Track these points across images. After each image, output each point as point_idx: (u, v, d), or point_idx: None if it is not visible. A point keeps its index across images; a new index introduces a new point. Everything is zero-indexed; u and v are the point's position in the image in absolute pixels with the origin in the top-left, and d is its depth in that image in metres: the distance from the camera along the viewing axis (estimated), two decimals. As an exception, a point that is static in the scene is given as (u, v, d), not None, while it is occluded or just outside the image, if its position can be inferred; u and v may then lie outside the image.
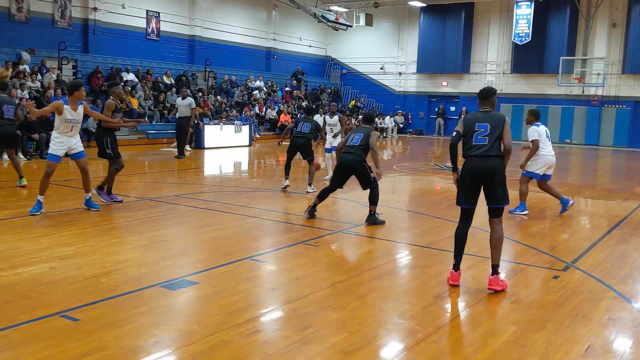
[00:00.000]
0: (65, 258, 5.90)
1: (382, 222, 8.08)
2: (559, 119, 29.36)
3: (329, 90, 32.97)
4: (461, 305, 5.08)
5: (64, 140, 8.02)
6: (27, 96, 16.60)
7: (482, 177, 5.27)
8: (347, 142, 8.19)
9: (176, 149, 17.02)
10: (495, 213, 5.38)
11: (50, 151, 8.02)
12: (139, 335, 4.14)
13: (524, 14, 28.65)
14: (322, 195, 8.40)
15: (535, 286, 5.65)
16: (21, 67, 18.14)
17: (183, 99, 16.96)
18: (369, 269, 6.02)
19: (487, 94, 5.58)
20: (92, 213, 8.13)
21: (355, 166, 8.02)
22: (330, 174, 11.24)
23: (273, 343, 4.08)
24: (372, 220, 8.07)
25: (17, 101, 10.68)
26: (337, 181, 8.27)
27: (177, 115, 17.07)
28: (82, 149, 8.28)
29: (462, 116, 5.48)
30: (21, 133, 14.22)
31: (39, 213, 7.79)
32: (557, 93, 28.88)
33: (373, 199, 8.11)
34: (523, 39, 28.78)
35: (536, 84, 29.76)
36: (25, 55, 19.06)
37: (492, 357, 3.99)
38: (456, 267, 5.48)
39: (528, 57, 29.14)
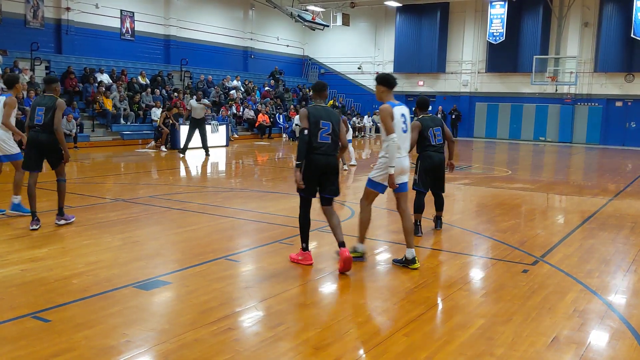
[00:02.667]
0: (37, 260, 5.86)
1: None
2: (533, 117, 29.83)
3: (308, 90, 33.04)
4: (432, 300, 5.16)
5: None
6: None
7: (325, 172, 5.85)
8: (430, 141, 7.32)
9: (154, 150, 17.00)
10: (328, 202, 6.05)
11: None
12: (110, 335, 4.14)
13: (498, 13, 29.03)
14: (421, 206, 7.37)
15: (505, 280, 5.75)
16: (-8, 68, 17.89)
17: (197, 101, 17.44)
18: (343, 266, 6.07)
19: (323, 88, 6.04)
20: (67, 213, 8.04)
21: (443, 166, 7.54)
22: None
23: (244, 340, 4.12)
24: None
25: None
26: (428, 183, 7.49)
27: (192, 116, 17.60)
28: None
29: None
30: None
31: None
32: (531, 92, 29.32)
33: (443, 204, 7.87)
34: (497, 38, 29.16)
35: (510, 82, 30.17)
36: (-3, 56, 18.80)
37: (459, 349, 4.07)
38: (306, 248, 6.06)
39: (502, 56, 29.54)
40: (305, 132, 5.72)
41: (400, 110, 6.01)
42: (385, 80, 6.01)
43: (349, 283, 5.53)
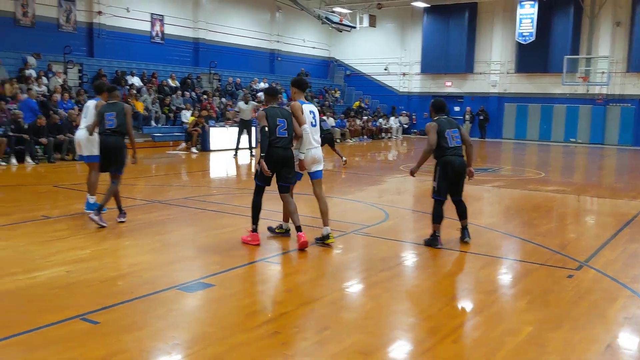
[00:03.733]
0: (80, 261, 5.93)
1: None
2: (563, 118, 29.35)
3: (333, 91, 33.01)
4: (476, 305, 5.08)
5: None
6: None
7: (282, 163, 6.62)
8: (448, 144, 6.82)
9: (184, 152, 17.20)
10: (285, 189, 6.80)
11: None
12: (158, 337, 4.17)
13: (527, 13, 28.64)
14: (440, 216, 6.95)
15: (549, 285, 5.65)
16: (27, 72, 18.21)
17: (246, 103, 17.91)
18: (382, 270, 6.03)
19: (276, 92, 7.03)
20: (102, 216, 8.12)
21: (464, 170, 6.96)
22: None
23: (292, 344, 4.10)
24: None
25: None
26: (447, 190, 6.96)
27: (240, 117, 18.15)
28: None
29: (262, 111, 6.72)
30: (29, 137, 14.29)
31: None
32: (562, 92, 28.85)
33: (466, 211, 7.13)
34: (527, 38, 28.77)
35: (540, 83, 29.74)
36: (31, 60, 19.14)
37: (510, 356, 4.00)
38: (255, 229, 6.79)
39: (532, 57, 29.12)
40: (266, 129, 6.51)
41: (309, 108, 6.98)
42: (297, 83, 7.05)
43: (390, 288, 5.47)
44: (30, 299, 4.80)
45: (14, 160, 14.08)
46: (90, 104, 8.39)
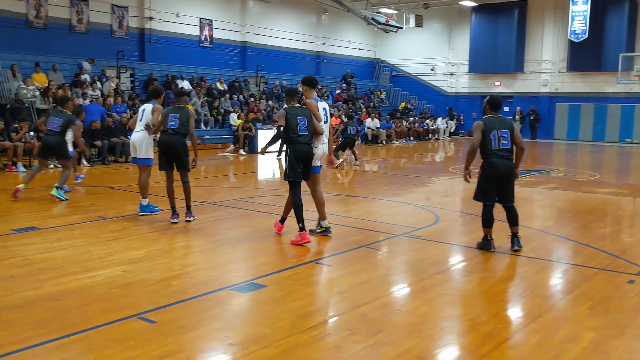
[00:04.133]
0: (136, 261, 6.06)
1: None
2: (618, 118, 28.38)
3: (379, 92, 32.85)
4: (533, 310, 4.94)
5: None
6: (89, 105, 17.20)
7: (306, 159, 6.94)
8: (492, 145, 6.52)
9: (233, 154, 17.48)
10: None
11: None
12: (213, 337, 4.21)
13: (580, 10, 27.83)
14: (489, 220, 6.73)
15: (610, 291, 5.45)
16: (82, 77, 18.81)
17: None
18: (434, 273, 5.94)
19: (295, 92, 7.19)
20: (155, 217, 8.31)
21: (512, 174, 6.65)
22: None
23: (346, 347, 4.07)
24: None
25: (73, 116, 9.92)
26: (492, 193, 6.68)
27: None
28: None
29: (282, 111, 6.99)
30: (84, 140, 14.74)
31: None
32: (616, 91, 27.88)
33: (517, 218, 6.76)
34: (579, 36, 27.96)
35: (594, 82, 28.83)
36: (86, 65, 19.76)
37: (572, 365, 3.87)
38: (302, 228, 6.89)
39: (585, 55, 28.27)
40: (282, 128, 6.87)
41: (322, 105, 7.30)
42: (307, 81, 7.33)
43: (444, 291, 5.39)
44: (90, 298, 4.93)
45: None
46: (147, 108, 8.62)
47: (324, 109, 7.30)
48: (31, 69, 17.96)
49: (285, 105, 7.14)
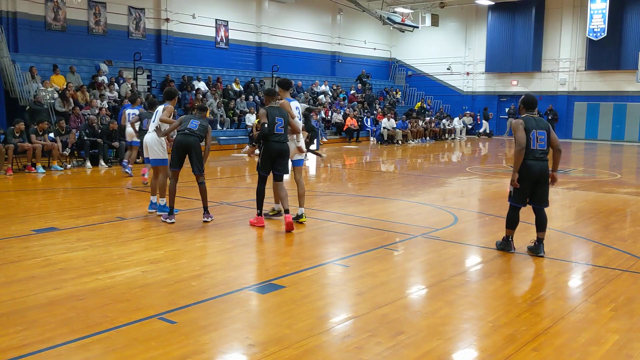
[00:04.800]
0: (155, 262, 6.09)
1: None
2: (638, 117, 27.99)
3: (394, 92, 32.74)
4: (556, 312, 4.88)
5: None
6: (106, 106, 17.35)
7: (280, 155, 7.66)
8: (531, 144, 6.35)
9: (246, 155, 17.56)
10: (279, 178, 7.89)
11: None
12: (233, 338, 4.21)
13: (598, 8, 27.50)
14: (514, 221, 6.65)
15: (634, 293, 5.36)
16: (100, 79, 18.97)
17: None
18: (455, 274, 5.90)
19: (274, 93, 7.87)
20: (177, 217, 8.32)
21: (547, 175, 6.47)
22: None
23: (367, 349, 4.05)
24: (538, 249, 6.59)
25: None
26: (525, 197, 6.51)
27: None
28: None
29: (262, 110, 7.69)
30: (102, 141, 14.86)
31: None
32: (636, 90, 27.52)
33: (545, 223, 6.56)
34: (598, 34, 27.63)
35: (613, 80, 28.48)
36: (104, 67, 19.94)
37: (597, 368, 3.81)
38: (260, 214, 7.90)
39: (604, 53, 27.93)
40: (265, 125, 7.45)
41: (294, 104, 8.12)
42: (281, 84, 8.22)
43: (465, 293, 5.34)
44: (111, 298, 4.95)
45: (88, 164, 14.68)
46: (159, 108, 8.67)
47: (297, 107, 8.18)
48: (50, 71, 18.16)
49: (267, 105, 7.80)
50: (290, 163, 8.22)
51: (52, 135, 14.57)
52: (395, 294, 5.22)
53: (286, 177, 8.36)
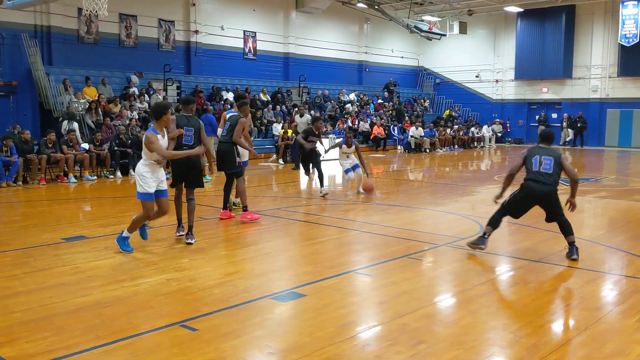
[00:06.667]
0: (180, 270, 6.18)
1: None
2: (672, 124, 27.34)
3: (422, 100, 32.61)
4: (581, 323, 4.80)
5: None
6: (136, 117, 17.68)
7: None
8: (532, 167, 6.71)
9: (275, 164, 17.66)
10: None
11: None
12: (254, 346, 4.25)
13: (630, 14, 27.01)
14: (495, 222, 7.09)
15: (663, 304, 5.24)
16: (130, 90, 19.36)
17: (301, 116, 17.84)
18: (478, 283, 5.85)
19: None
20: (199, 227, 8.43)
21: (550, 198, 6.68)
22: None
23: (386, 357, 4.04)
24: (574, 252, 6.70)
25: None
26: (520, 212, 7.01)
27: (298, 132, 18.21)
28: None
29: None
30: (132, 151, 15.15)
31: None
32: (671, 96, 26.91)
33: (570, 228, 6.77)
34: (630, 40, 27.12)
35: (646, 87, 27.89)
36: (134, 78, 20.34)
37: (622, 380, 3.73)
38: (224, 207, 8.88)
39: (636, 59, 27.36)
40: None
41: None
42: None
43: (488, 303, 5.29)
44: (136, 306, 5.05)
45: (118, 174, 14.97)
46: (228, 117, 9.00)
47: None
48: (82, 83, 18.62)
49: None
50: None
51: (84, 145, 14.91)
52: (417, 303, 5.20)
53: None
